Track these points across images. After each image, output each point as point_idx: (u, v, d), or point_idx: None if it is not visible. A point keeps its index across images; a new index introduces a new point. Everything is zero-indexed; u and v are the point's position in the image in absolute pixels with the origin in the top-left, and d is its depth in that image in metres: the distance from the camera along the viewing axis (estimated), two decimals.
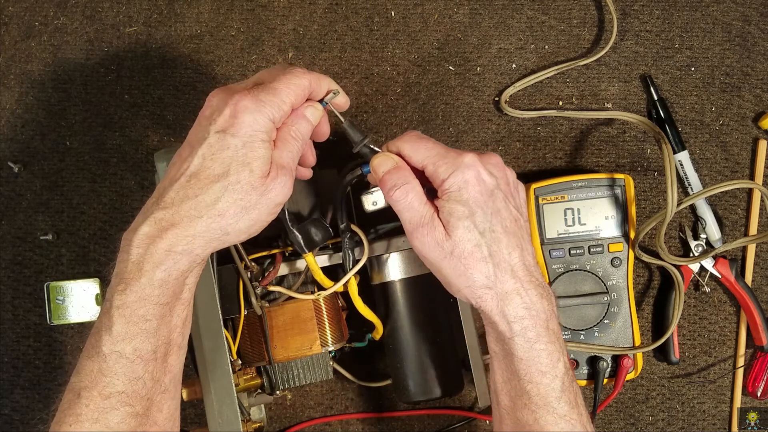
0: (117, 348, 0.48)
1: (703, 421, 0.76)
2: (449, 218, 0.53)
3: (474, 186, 0.53)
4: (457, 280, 0.53)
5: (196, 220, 0.50)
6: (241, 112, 0.51)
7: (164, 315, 0.50)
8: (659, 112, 0.76)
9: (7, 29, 0.78)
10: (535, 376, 0.52)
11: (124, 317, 0.49)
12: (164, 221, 0.49)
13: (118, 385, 0.48)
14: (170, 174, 0.52)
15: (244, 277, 0.62)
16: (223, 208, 0.50)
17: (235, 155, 0.50)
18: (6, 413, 0.75)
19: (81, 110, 0.77)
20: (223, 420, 0.60)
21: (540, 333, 0.52)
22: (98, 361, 0.48)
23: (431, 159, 0.54)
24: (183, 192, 0.50)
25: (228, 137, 0.50)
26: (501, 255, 0.53)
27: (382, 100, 0.78)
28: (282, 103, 0.52)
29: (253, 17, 0.78)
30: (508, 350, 0.53)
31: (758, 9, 0.78)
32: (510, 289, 0.52)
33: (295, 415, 0.76)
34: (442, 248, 0.53)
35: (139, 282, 0.49)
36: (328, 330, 0.64)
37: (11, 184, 0.76)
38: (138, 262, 0.49)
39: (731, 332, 0.77)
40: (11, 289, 0.76)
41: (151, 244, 0.49)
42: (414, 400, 0.66)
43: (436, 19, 0.78)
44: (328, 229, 0.62)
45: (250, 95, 0.51)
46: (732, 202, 0.77)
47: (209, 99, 0.53)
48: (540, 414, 0.52)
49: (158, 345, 0.50)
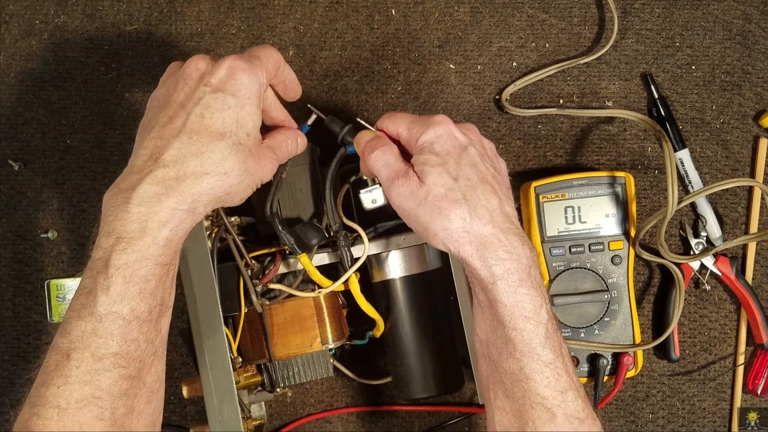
0: (114, 308, 0.47)
1: (703, 418, 0.76)
2: (423, 167, 0.54)
3: (446, 140, 0.55)
4: (434, 224, 0.53)
5: (203, 177, 0.49)
6: (238, 71, 0.52)
7: (162, 276, 0.49)
8: (660, 110, 0.76)
9: (8, 27, 0.78)
10: (519, 322, 0.51)
11: (124, 277, 0.47)
12: (168, 179, 0.49)
13: (113, 347, 0.47)
14: (156, 133, 0.51)
15: (245, 275, 0.62)
16: (229, 167, 0.50)
17: (235, 116, 0.51)
18: (6, 412, 0.75)
19: (81, 108, 0.77)
20: (224, 417, 0.60)
21: (522, 278, 0.52)
22: (92, 322, 0.47)
23: (405, 124, 0.57)
24: (186, 149, 0.49)
25: (228, 97, 0.51)
26: (477, 200, 0.53)
27: (382, 99, 0.78)
28: (267, 70, 0.54)
29: (253, 15, 0.78)
30: (491, 298, 0.52)
31: (759, 7, 0.78)
32: (488, 233, 0.52)
33: (296, 413, 0.76)
34: (417, 195, 0.53)
35: (143, 241, 0.48)
36: (329, 327, 0.64)
37: (12, 182, 0.76)
38: (141, 221, 0.48)
39: (731, 330, 0.77)
40: (12, 287, 0.76)
41: (156, 203, 0.48)
42: (414, 397, 0.66)
43: (437, 18, 0.78)
44: (321, 230, 0.63)
45: (241, 57, 0.53)
46: (732, 200, 0.77)
47: (194, 61, 0.53)
48: (525, 362, 0.51)
49: (153, 306, 0.49)
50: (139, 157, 0.50)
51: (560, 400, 0.51)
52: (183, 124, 0.50)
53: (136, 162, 0.50)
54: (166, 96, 0.53)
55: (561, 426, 0.51)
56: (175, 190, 0.49)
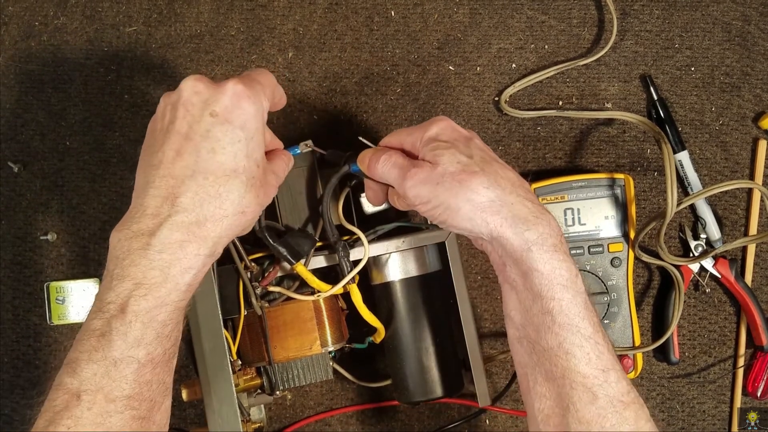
0: (130, 353, 0.46)
1: (702, 421, 0.76)
2: (433, 153, 0.53)
3: (450, 131, 0.55)
4: (456, 199, 0.51)
5: (223, 220, 0.48)
6: (243, 99, 0.50)
7: (179, 318, 0.49)
8: (659, 112, 0.76)
9: (7, 29, 0.78)
10: (558, 291, 0.49)
11: (143, 323, 0.46)
12: (190, 224, 0.47)
13: (126, 390, 0.46)
14: (166, 171, 0.48)
15: (244, 278, 0.62)
16: (246, 204, 0.49)
17: (246, 149, 0.49)
18: (6, 413, 0.75)
19: (81, 110, 0.77)
20: (223, 420, 0.60)
21: (556, 243, 0.50)
22: (105, 365, 0.46)
23: (407, 132, 0.57)
24: (203, 191, 0.48)
25: (237, 130, 0.49)
26: (495, 172, 0.52)
27: (382, 100, 0.78)
28: (267, 96, 0.52)
29: (253, 17, 0.78)
30: (526, 268, 0.50)
31: (758, 9, 0.78)
32: (514, 201, 0.51)
33: (295, 415, 0.76)
34: (432, 178, 0.52)
35: (164, 287, 0.47)
36: (328, 330, 0.64)
37: (11, 184, 0.76)
38: (163, 268, 0.47)
39: (731, 332, 0.77)
40: (11, 289, 0.76)
41: (179, 249, 0.47)
42: (414, 400, 0.66)
43: (436, 19, 0.78)
44: (312, 236, 0.63)
45: (243, 82, 0.50)
46: (732, 202, 0.77)
47: (191, 83, 0.50)
48: (564, 335, 0.49)
49: (168, 347, 0.48)
50: (152, 198, 0.48)
51: (602, 380, 0.49)
52: (195, 162, 0.48)
53: (150, 203, 0.48)
54: (168, 124, 0.50)
55: (604, 409, 0.48)
56: (197, 236, 0.47)
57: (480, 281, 0.77)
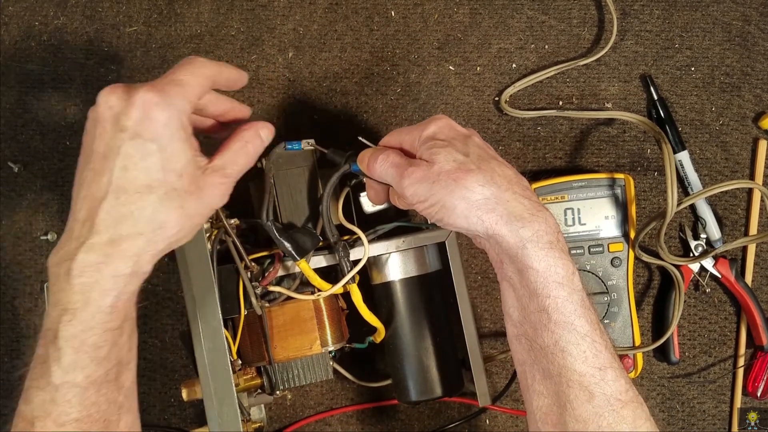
0: (68, 378, 0.46)
1: (703, 421, 0.76)
2: (430, 152, 0.53)
3: (448, 129, 0.55)
4: (451, 197, 0.51)
5: (138, 238, 0.47)
6: (151, 109, 0.47)
7: (114, 338, 0.48)
8: (659, 111, 0.76)
9: (7, 29, 0.78)
10: (553, 289, 0.49)
11: (73, 348, 0.46)
12: (104, 246, 0.46)
13: (73, 413, 0.46)
14: (87, 191, 0.48)
15: (244, 277, 0.62)
16: (163, 219, 0.48)
17: (159, 162, 0.47)
18: (6, 414, 0.75)
19: (81, 110, 0.77)
20: (223, 420, 0.60)
21: (552, 241, 0.50)
22: (49, 392, 0.46)
23: (405, 131, 0.57)
24: (116, 211, 0.47)
25: (147, 143, 0.47)
26: (492, 170, 0.52)
27: (382, 100, 0.78)
28: (190, 95, 0.50)
29: (253, 17, 0.78)
30: (522, 266, 0.50)
31: (758, 9, 0.78)
32: (510, 198, 0.51)
33: (295, 415, 0.76)
34: (429, 176, 0.52)
35: (87, 311, 0.46)
36: (328, 330, 0.64)
37: (11, 184, 0.76)
38: (84, 292, 0.46)
39: (731, 332, 0.77)
40: (11, 289, 0.76)
41: (96, 272, 0.46)
42: (414, 400, 0.66)
43: (436, 19, 0.78)
44: (315, 235, 0.63)
45: (155, 89, 0.48)
46: (732, 202, 0.77)
47: (105, 98, 0.48)
48: (560, 333, 0.49)
49: (110, 368, 0.48)
50: (74, 221, 0.48)
51: (599, 378, 0.49)
52: (109, 181, 0.47)
53: (73, 226, 0.48)
54: (89, 142, 0.49)
55: (600, 407, 0.48)
56: (113, 257, 0.46)
57: (480, 281, 0.77)
